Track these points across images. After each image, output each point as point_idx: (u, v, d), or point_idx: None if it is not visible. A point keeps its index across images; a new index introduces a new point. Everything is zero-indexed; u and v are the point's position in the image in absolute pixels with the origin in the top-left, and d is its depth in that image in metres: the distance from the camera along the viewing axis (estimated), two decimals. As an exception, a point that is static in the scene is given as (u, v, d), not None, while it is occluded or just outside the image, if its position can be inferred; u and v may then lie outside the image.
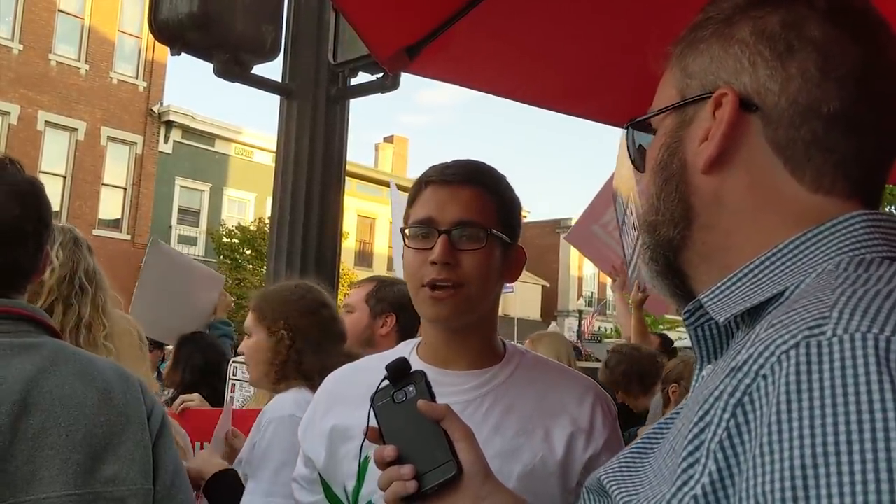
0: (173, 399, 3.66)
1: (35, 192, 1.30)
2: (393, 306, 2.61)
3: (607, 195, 4.12)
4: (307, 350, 2.24)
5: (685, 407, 0.65)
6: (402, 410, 0.98)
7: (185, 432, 2.28)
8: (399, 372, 1.01)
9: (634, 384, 3.92)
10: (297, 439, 2.04)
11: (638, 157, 0.85)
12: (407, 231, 1.33)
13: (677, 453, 0.60)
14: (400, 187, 5.81)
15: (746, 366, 0.57)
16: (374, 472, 0.99)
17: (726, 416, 0.57)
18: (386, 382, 1.01)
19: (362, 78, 3.52)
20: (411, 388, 0.99)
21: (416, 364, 1.33)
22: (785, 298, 0.66)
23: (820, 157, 0.70)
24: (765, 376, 0.55)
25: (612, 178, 4.19)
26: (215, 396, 3.44)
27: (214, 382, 3.60)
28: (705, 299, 0.72)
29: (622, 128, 0.87)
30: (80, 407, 1.21)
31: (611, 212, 4.17)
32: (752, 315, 0.68)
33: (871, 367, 0.51)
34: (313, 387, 2.14)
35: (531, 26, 1.93)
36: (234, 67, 3.13)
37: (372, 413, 1.00)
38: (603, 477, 0.74)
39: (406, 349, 1.41)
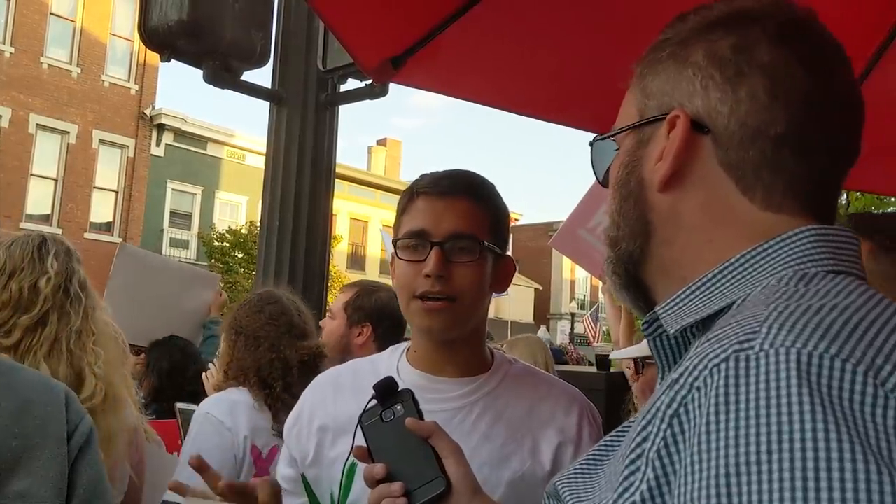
0: (147, 406, 3.66)
1: None
2: (370, 316, 2.55)
3: (593, 200, 4.13)
4: (249, 348, 2.25)
5: (638, 416, 0.67)
6: (391, 429, 1.00)
7: (160, 439, 2.25)
8: (386, 391, 1.02)
9: None
10: (208, 434, 2.10)
11: (602, 173, 0.88)
12: (398, 242, 1.32)
13: (622, 461, 0.63)
14: (392, 190, 5.82)
15: (683, 378, 0.60)
16: (361, 478, 1.01)
17: (664, 426, 0.59)
18: (374, 402, 1.03)
19: (351, 84, 3.54)
20: (399, 407, 1.01)
21: (406, 370, 1.36)
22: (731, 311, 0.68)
23: (768, 176, 0.72)
24: (698, 388, 0.58)
25: (596, 183, 4.18)
26: (181, 399, 3.46)
27: (182, 385, 3.59)
28: (660, 311, 0.75)
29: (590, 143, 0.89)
30: None
31: (598, 216, 4.17)
32: (705, 326, 0.70)
33: (791, 381, 0.54)
34: (251, 386, 2.20)
35: (515, 37, 1.95)
36: (223, 74, 3.14)
37: (360, 432, 1.01)
38: (558, 483, 0.77)
39: (395, 355, 1.41)
